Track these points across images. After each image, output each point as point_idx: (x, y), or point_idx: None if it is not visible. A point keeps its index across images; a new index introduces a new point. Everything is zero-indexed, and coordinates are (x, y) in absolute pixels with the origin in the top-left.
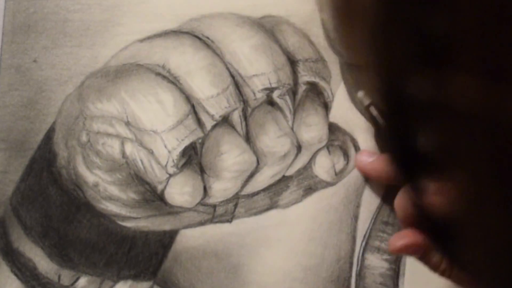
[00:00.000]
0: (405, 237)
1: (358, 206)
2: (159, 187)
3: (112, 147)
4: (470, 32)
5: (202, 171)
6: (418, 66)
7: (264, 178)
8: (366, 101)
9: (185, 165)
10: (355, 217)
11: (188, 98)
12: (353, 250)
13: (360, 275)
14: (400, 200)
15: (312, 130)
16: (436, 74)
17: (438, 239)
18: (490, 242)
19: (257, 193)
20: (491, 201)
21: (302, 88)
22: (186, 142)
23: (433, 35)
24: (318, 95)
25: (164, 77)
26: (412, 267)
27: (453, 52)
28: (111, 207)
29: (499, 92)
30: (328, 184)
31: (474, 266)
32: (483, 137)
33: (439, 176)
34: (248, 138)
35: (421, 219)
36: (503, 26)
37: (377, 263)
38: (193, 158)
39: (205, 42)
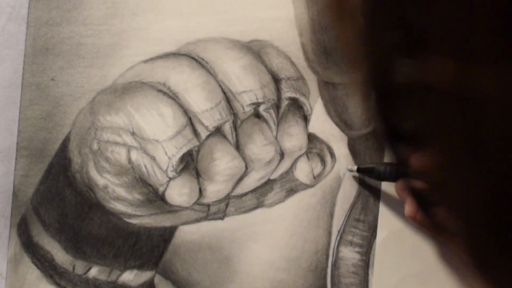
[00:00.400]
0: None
1: (333, 205)
2: (161, 189)
3: (120, 154)
4: (444, 22)
5: (198, 175)
6: (402, 53)
7: (251, 181)
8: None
9: (183, 169)
10: (331, 215)
11: (185, 112)
12: (329, 244)
13: (335, 265)
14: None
15: (293, 139)
16: (417, 59)
17: (423, 204)
18: (464, 205)
19: (246, 194)
20: (464, 168)
21: (284, 103)
22: (184, 150)
23: (415, 26)
24: (298, 109)
25: (164, 93)
26: (381, 258)
27: (431, 39)
28: (119, 206)
29: (468, 71)
30: (308, 186)
31: (453, 230)
32: (456, 111)
33: (421, 149)
34: (238, 146)
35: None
36: (467, 16)
37: (350, 255)
38: (190, 164)
39: (200, 63)
